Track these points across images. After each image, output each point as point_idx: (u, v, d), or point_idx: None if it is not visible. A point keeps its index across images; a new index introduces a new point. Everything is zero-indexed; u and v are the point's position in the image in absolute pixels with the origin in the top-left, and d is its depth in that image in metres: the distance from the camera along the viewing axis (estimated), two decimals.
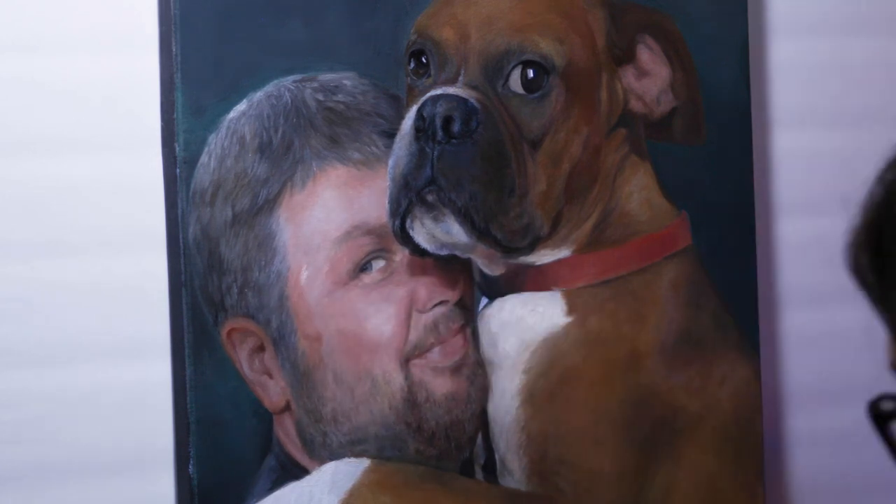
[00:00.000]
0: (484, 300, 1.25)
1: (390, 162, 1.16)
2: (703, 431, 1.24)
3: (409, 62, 1.20)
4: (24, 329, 1.19)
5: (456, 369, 1.21)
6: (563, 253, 1.22)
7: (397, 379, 1.18)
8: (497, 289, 1.23)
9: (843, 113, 1.42)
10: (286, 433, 1.21)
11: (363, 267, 1.19)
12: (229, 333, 1.20)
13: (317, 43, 1.21)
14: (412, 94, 1.19)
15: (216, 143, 1.20)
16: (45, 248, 1.19)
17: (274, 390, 1.20)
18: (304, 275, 1.18)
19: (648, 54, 1.23)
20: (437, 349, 1.20)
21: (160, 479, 1.21)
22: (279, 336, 1.19)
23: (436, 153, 1.13)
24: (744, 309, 1.31)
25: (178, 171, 1.19)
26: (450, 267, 1.21)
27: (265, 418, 1.21)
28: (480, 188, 1.13)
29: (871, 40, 1.43)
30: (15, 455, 1.19)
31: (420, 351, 1.19)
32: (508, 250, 1.17)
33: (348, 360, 1.18)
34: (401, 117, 1.17)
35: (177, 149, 1.19)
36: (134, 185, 1.21)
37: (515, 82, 1.16)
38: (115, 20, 1.21)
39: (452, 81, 1.16)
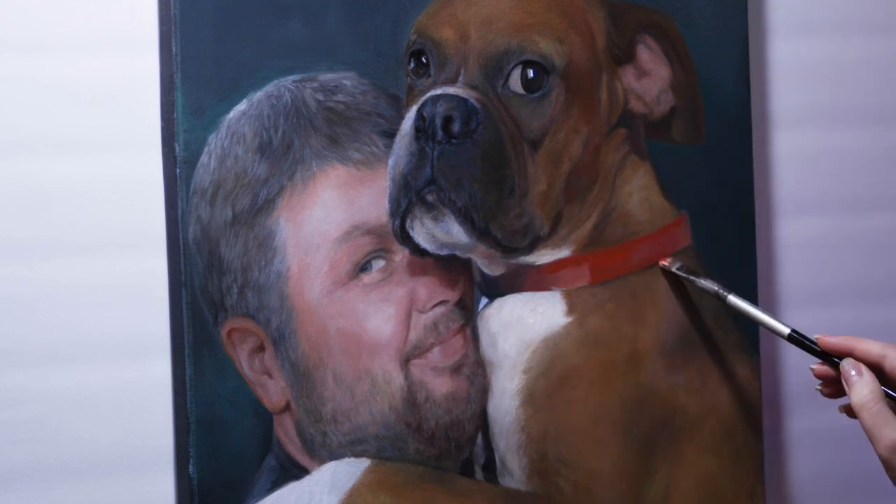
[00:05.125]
0: (484, 300, 1.25)
1: (390, 162, 1.16)
2: (703, 431, 1.24)
3: (409, 62, 1.20)
4: (24, 329, 1.19)
5: (456, 369, 1.21)
6: (563, 253, 1.22)
7: (397, 379, 1.19)
8: (497, 289, 1.23)
9: (843, 113, 1.42)
10: (286, 433, 1.21)
11: (363, 267, 1.19)
12: (229, 333, 1.20)
13: (317, 43, 1.21)
14: (412, 94, 1.19)
15: (216, 143, 1.20)
16: (45, 248, 1.19)
17: (274, 390, 1.20)
18: (304, 275, 1.18)
19: (648, 54, 1.23)
20: (437, 349, 1.20)
21: (160, 479, 1.21)
22: (279, 336, 1.19)
23: (436, 153, 1.13)
24: None
25: (178, 171, 1.19)
26: (450, 267, 1.21)
27: (265, 418, 1.21)
28: (480, 188, 1.13)
29: (871, 40, 1.43)
30: (15, 455, 1.19)
31: (420, 351, 1.19)
32: (508, 250, 1.17)
33: (348, 360, 1.18)
34: (401, 117, 1.17)
35: (177, 149, 1.19)
36: (134, 185, 1.21)
37: (515, 82, 1.16)
38: (115, 20, 1.21)
39: (452, 81, 1.16)
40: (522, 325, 1.22)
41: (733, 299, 1.18)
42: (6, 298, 1.19)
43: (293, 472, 1.20)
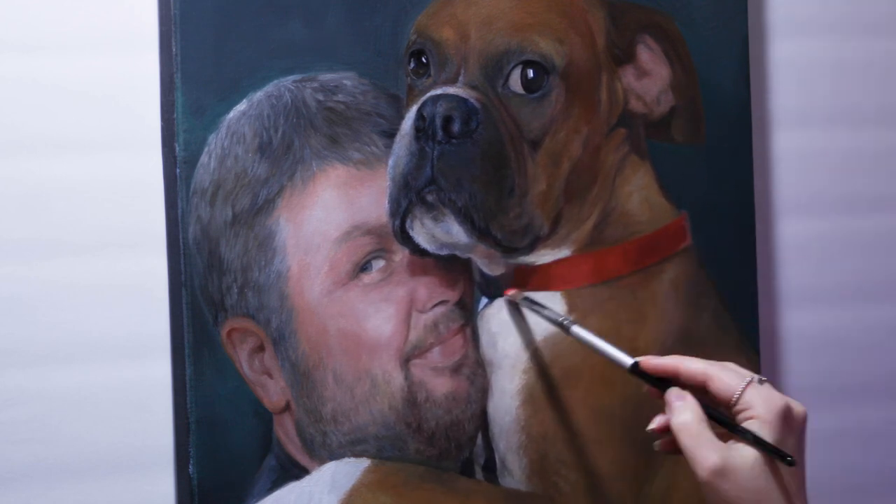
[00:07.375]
0: (484, 300, 1.25)
1: (390, 162, 1.16)
2: None
3: (409, 62, 1.20)
4: (24, 329, 1.19)
5: (456, 369, 1.21)
6: (563, 253, 1.22)
7: (397, 379, 1.19)
8: (497, 289, 1.23)
9: (843, 113, 1.42)
10: (286, 433, 1.21)
11: (363, 267, 1.19)
12: (229, 333, 1.20)
13: (317, 43, 1.21)
14: (412, 94, 1.19)
15: (216, 143, 1.20)
16: (45, 248, 1.19)
17: (274, 390, 1.20)
18: (304, 275, 1.18)
19: (648, 54, 1.23)
20: (437, 349, 1.20)
21: (160, 479, 1.21)
22: (279, 336, 1.19)
23: (436, 153, 1.13)
24: (744, 309, 1.31)
25: (178, 171, 1.19)
26: (450, 267, 1.21)
27: (265, 418, 1.21)
28: (480, 188, 1.13)
29: (871, 40, 1.43)
30: (15, 455, 1.19)
31: (420, 351, 1.19)
32: (508, 250, 1.17)
33: (348, 360, 1.18)
34: (401, 117, 1.17)
35: (177, 149, 1.19)
36: (134, 185, 1.21)
37: (515, 82, 1.16)
38: (115, 20, 1.21)
39: (452, 81, 1.16)
40: (522, 325, 1.21)
41: (577, 330, 1.12)
42: (6, 298, 1.19)
43: (293, 472, 1.20)
